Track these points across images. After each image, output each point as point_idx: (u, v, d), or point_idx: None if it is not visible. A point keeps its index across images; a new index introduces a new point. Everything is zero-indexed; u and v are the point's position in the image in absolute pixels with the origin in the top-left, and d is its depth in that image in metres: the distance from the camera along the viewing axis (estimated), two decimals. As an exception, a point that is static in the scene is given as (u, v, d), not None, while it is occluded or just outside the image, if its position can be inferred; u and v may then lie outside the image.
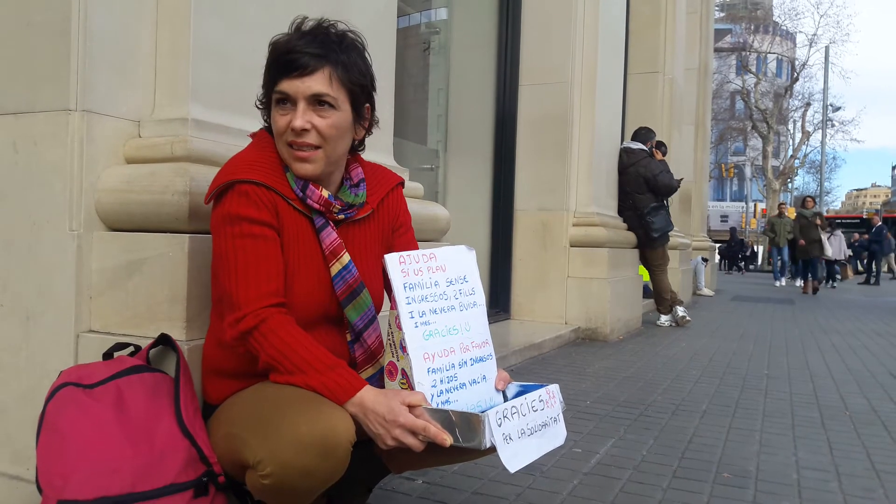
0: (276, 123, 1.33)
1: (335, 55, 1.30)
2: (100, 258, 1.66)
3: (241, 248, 1.28)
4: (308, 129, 1.29)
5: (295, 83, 1.29)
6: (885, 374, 4.16)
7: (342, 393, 1.21)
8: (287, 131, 1.31)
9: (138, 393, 1.34)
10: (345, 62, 1.32)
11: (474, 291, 1.34)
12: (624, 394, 3.27)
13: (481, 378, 1.30)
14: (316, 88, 1.29)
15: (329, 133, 1.32)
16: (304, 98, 1.29)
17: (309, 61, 1.28)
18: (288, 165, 1.35)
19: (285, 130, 1.31)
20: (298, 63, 1.28)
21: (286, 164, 1.35)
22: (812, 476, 2.20)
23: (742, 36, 32.01)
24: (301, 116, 1.29)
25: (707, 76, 11.25)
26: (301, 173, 1.33)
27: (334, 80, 1.30)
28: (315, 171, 1.34)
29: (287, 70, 1.29)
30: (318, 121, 1.30)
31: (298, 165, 1.33)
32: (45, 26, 1.64)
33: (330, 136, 1.32)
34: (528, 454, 1.20)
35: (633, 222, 5.78)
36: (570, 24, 5.06)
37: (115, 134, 1.71)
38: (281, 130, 1.32)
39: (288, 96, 1.30)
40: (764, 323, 6.80)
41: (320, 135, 1.31)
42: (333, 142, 1.34)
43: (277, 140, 1.35)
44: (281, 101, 1.31)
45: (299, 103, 1.29)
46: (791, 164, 30.67)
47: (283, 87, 1.30)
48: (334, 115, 1.32)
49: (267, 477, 1.15)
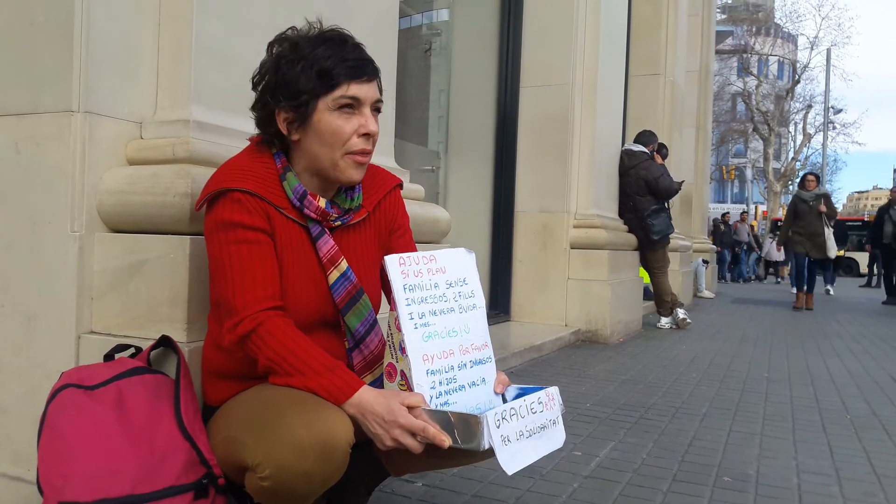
0: (337, 129, 1.30)
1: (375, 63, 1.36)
2: (101, 259, 1.66)
3: (235, 253, 1.28)
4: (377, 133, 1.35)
5: (364, 88, 1.31)
6: (886, 377, 4.16)
7: (340, 394, 1.21)
8: (352, 137, 1.31)
9: (139, 395, 1.34)
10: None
11: (474, 294, 1.34)
12: (624, 396, 3.27)
13: (480, 380, 1.30)
14: (377, 95, 1.35)
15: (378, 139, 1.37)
16: (370, 103, 1.33)
17: (372, 70, 1.33)
18: (333, 173, 1.34)
19: (351, 136, 1.31)
20: (366, 70, 1.31)
21: (285, 173, 1.35)
22: (813, 480, 2.19)
23: (743, 38, 31.98)
24: (373, 122, 1.33)
25: (708, 78, 11.25)
26: (357, 179, 1.36)
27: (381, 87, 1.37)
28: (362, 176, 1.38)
29: (356, 75, 1.30)
30: (375, 126, 1.35)
31: (356, 172, 1.35)
32: (48, 27, 1.64)
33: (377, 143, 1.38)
34: (526, 456, 1.19)
35: (634, 224, 5.78)
36: (571, 26, 5.06)
37: (117, 135, 1.71)
38: (345, 136, 1.31)
39: (357, 101, 1.31)
40: (764, 326, 6.80)
41: (375, 141, 1.36)
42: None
43: (332, 146, 1.31)
44: (346, 106, 1.31)
45: (365, 108, 1.32)
46: (792, 166, 30.65)
47: (354, 91, 1.30)
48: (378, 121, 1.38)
49: (266, 479, 1.15)
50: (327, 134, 1.31)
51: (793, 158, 31.00)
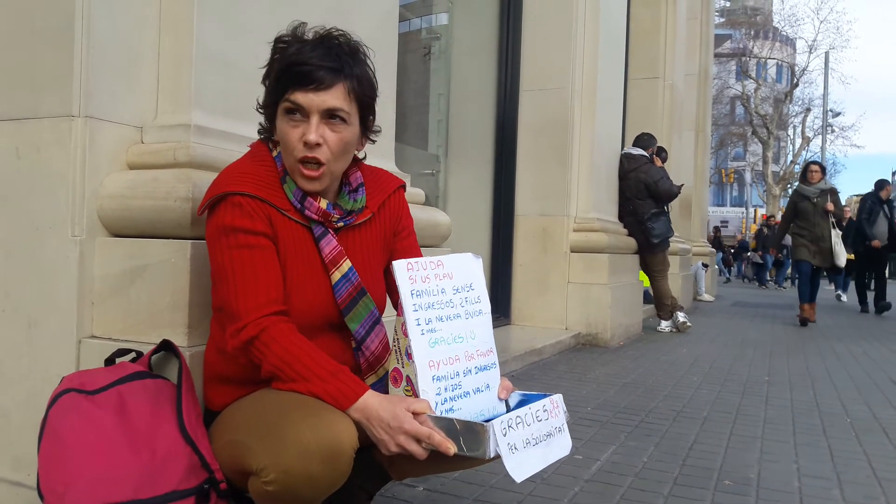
0: (285, 135, 1.31)
1: (349, 69, 1.30)
2: (102, 264, 1.66)
3: (237, 258, 1.28)
4: (321, 143, 1.29)
5: (310, 96, 1.27)
6: (886, 380, 4.16)
7: (345, 399, 1.20)
8: (298, 145, 1.29)
9: (140, 399, 1.34)
10: (359, 76, 1.32)
11: (480, 299, 1.34)
12: (625, 400, 3.27)
13: (485, 387, 1.30)
14: (331, 103, 1.28)
15: (338, 148, 1.32)
16: (318, 112, 1.28)
17: (325, 76, 1.27)
18: (293, 178, 1.34)
19: (296, 144, 1.29)
20: (314, 76, 1.26)
21: (286, 175, 1.35)
22: (814, 484, 2.19)
23: (742, 41, 32.07)
24: (315, 131, 1.28)
25: (707, 81, 11.27)
26: (307, 189, 1.34)
27: (351, 95, 1.30)
28: (321, 188, 1.34)
29: (302, 82, 1.27)
30: (330, 135, 1.30)
31: (306, 183, 1.33)
32: (49, 33, 1.64)
33: (338, 152, 1.32)
34: (533, 464, 1.19)
35: (634, 228, 5.78)
36: (570, 29, 5.07)
37: (118, 140, 1.71)
38: (292, 143, 1.30)
39: (301, 108, 1.28)
40: (764, 329, 6.80)
41: (330, 150, 1.31)
42: (340, 157, 1.34)
43: (285, 150, 1.33)
44: (291, 112, 1.29)
45: (313, 117, 1.28)
46: (791, 169, 30.66)
47: (296, 98, 1.27)
48: (345, 130, 1.32)
49: (270, 483, 1.15)
50: (280, 138, 1.33)
51: (792, 161, 31.03)
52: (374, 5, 2.41)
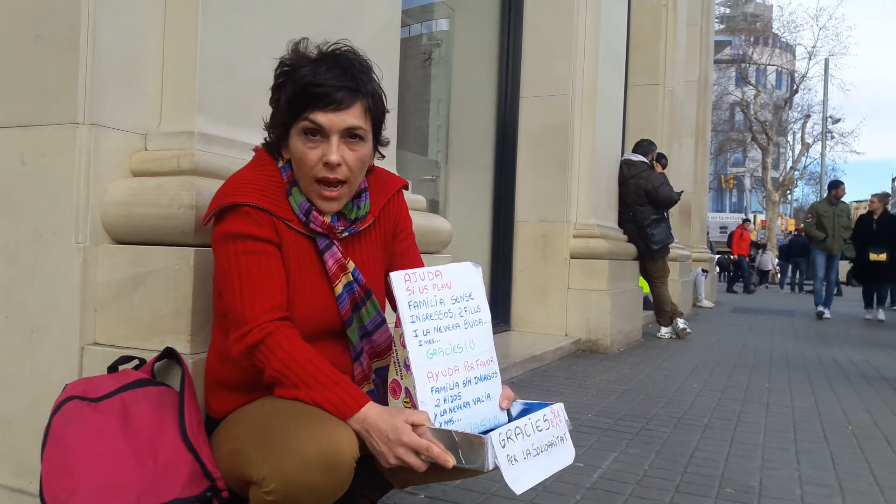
0: (303, 155, 1.31)
1: (365, 87, 1.32)
2: (105, 271, 1.66)
3: (244, 265, 1.28)
4: (341, 163, 1.30)
5: (330, 116, 1.28)
6: (887, 387, 4.16)
7: (347, 409, 1.21)
8: (318, 165, 1.30)
9: (143, 407, 1.34)
10: (373, 94, 1.33)
11: (480, 309, 1.34)
12: (625, 407, 3.27)
13: (486, 396, 1.30)
14: (351, 122, 1.29)
15: (356, 166, 1.33)
16: (338, 132, 1.29)
17: (345, 96, 1.28)
18: (309, 196, 1.35)
19: (316, 164, 1.30)
20: (333, 97, 1.27)
21: (291, 187, 1.35)
22: (815, 492, 2.19)
23: (742, 48, 32.14)
24: (336, 151, 1.29)
25: (707, 88, 11.30)
26: (325, 209, 1.35)
27: (367, 113, 1.32)
28: (339, 207, 1.36)
29: (321, 103, 1.27)
30: (349, 154, 1.31)
31: (325, 203, 1.34)
32: (54, 40, 1.65)
33: (357, 170, 1.34)
34: (535, 475, 1.19)
35: (634, 234, 5.79)
36: (570, 36, 5.09)
37: (122, 147, 1.72)
38: (311, 164, 1.30)
39: (321, 129, 1.29)
40: (764, 335, 6.80)
41: (349, 168, 1.32)
42: (358, 174, 1.35)
43: (301, 170, 1.33)
44: (310, 133, 1.30)
45: (332, 137, 1.29)
46: (790, 175, 30.74)
47: (317, 118, 1.28)
48: (362, 148, 1.33)
49: (271, 493, 1.15)
50: (296, 159, 1.33)
51: (791, 168, 31.09)
52: (377, 14, 2.42)
